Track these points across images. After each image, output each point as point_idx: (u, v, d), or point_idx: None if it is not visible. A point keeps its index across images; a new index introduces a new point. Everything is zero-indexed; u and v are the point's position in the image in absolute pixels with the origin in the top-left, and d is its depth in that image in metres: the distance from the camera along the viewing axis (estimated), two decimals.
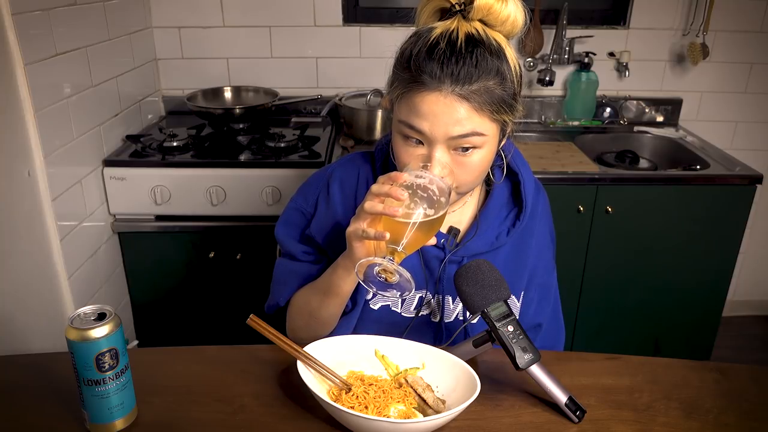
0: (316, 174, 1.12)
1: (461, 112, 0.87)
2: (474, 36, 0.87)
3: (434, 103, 0.87)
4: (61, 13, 1.59)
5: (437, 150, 0.89)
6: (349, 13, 2.25)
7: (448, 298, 1.06)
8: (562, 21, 2.23)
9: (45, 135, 1.52)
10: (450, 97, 0.87)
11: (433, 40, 0.87)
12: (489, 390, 0.91)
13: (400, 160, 0.95)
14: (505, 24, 0.90)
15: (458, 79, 0.86)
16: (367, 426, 0.79)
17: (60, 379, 0.91)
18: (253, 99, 2.25)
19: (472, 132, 0.88)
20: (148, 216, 1.91)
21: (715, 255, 2.02)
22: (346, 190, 1.07)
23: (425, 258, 1.04)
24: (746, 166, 1.97)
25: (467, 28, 0.88)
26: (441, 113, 0.87)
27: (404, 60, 0.91)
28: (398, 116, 0.92)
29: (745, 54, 2.34)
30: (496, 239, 1.05)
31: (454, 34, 0.87)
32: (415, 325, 1.06)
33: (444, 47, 0.86)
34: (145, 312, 2.03)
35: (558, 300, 1.16)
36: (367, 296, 1.06)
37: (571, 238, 1.96)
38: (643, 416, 0.87)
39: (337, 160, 1.16)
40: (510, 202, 1.08)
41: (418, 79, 0.87)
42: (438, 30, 0.88)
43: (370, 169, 1.08)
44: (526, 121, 2.38)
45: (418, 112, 0.88)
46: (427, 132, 0.89)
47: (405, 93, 0.90)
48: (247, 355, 0.97)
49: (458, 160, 0.91)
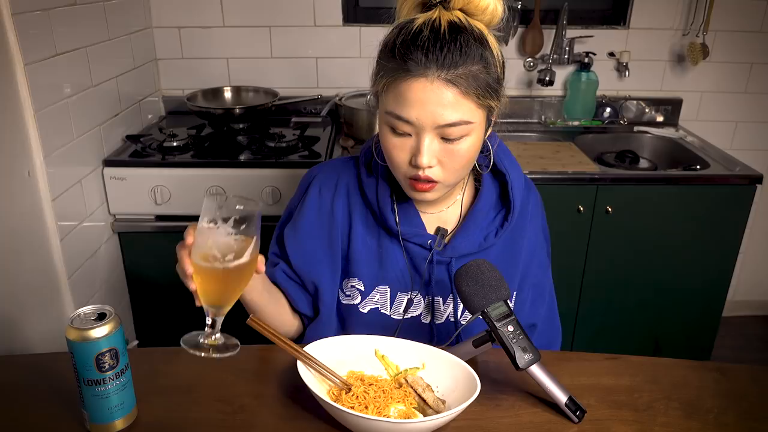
0: (305, 174, 1.14)
1: (448, 97, 0.87)
2: (456, 23, 0.89)
3: (421, 90, 0.87)
4: (61, 13, 1.59)
5: (425, 138, 0.90)
6: (349, 13, 2.25)
7: (439, 299, 1.06)
8: (562, 21, 2.23)
9: (45, 135, 1.52)
10: (436, 82, 0.87)
11: (416, 28, 0.89)
12: (489, 390, 0.91)
13: (389, 153, 0.95)
14: (485, 13, 0.91)
15: (444, 64, 0.87)
16: (367, 426, 0.79)
17: (60, 379, 0.91)
18: (253, 99, 2.25)
19: (460, 121, 0.89)
20: (148, 216, 1.91)
21: (715, 255, 2.02)
22: (324, 197, 1.07)
23: (412, 259, 1.04)
24: (746, 166, 1.97)
25: (449, 16, 0.89)
26: (428, 100, 0.87)
27: (388, 50, 0.91)
28: (385, 107, 0.92)
29: (745, 54, 2.34)
30: (484, 240, 1.04)
31: (437, 23, 0.88)
32: (406, 326, 1.06)
33: (428, 34, 0.87)
34: (145, 312, 2.03)
35: (553, 299, 1.16)
36: (355, 302, 1.06)
37: (571, 238, 1.96)
38: (643, 416, 0.87)
39: (326, 161, 1.16)
40: (498, 203, 1.08)
41: (404, 67, 0.88)
42: (420, 20, 0.89)
43: (355, 174, 1.08)
44: (526, 121, 2.38)
45: (405, 100, 0.89)
46: (415, 120, 0.89)
47: (391, 82, 0.90)
48: (247, 355, 0.97)
49: (447, 148, 0.91)
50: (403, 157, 0.93)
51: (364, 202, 1.06)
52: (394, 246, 1.05)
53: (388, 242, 1.05)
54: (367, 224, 1.06)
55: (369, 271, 1.05)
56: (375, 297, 1.05)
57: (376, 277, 1.05)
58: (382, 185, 1.04)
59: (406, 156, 0.93)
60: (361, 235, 1.05)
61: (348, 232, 1.06)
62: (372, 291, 1.05)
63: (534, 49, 2.29)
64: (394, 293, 1.05)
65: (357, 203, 1.07)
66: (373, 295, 1.05)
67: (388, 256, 1.04)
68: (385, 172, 1.04)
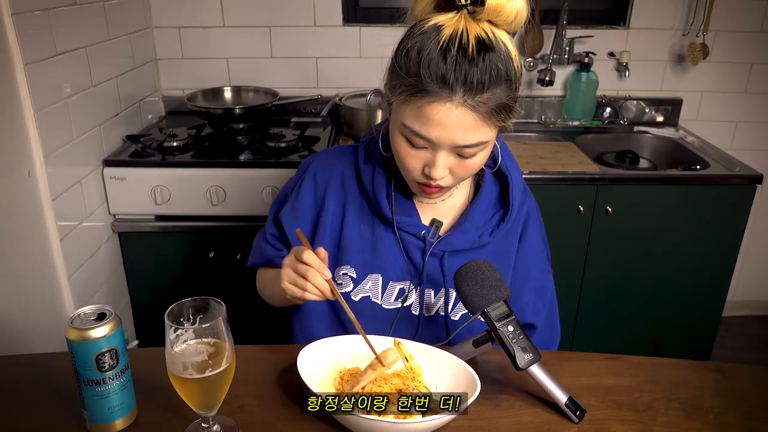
0: (305, 159, 1.16)
1: (470, 121, 0.87)
2: (484, 41, 0.85)
3: (445, 113, 0.86)
4: (61, 13, 1.59)
5: (441, 154, 0.91)
6: (349, 13, 2.25)
7: (430, 291, 1.06)
8: (562, 21, 2.23)
9: (45, 135, 1.52)
10: (461, 108, 0.86)
11: (443, 43, 0.85)
12: (489, 390, 0.91)
13: (401, 160, 0.95)
14: (512, 23, 0.88)
15: (470, 89, 0.85)
16: (367, 426, 0.79)
17: (60, 379, 0.91)
18: (253, 99, 2.25)
19: (478, 143, 0.89)
20: (148, 216, 1.91)
21: (715, 255, 2.02)
22: (318, 185, 1.09)
23: (406, 248, 1.04)
24: (746, 166, 1.97)
25: (476, 30, 0.85)
26: (450, 124, 0.87)
27: (411, 62, 0.87)
28: (402, 119, 0.91)
29: (745, 54, 2.34)
30: (479, 238, 1.05)
31: (464, 39, 0.84)
32: (395, 316, 1.06)
33: (455, 54, 0.84)
34: (145, 312, 2.03)
35: (554, 303, 1.16)
36: (347, 290, 1.06)
37: (571, 238, 1.96)
38: (643, 416, 0.87)
39: (325, 150, 1.18)
40: (497, 203, 1.08)
41: (428, 87, 0.85)
42: (446, 31, 0.85)
43: (352, 162, 1.10)
44: (526, 121, 2.38)
45: (426, 120, 0.87)
46: (435, 140, 0.89)
47: (411, 98, 0.88)
48: (247, 355, 0.97)
49: (460, 162, 0.92)
50: (416, 165, 0.94)
51: (360, 190, 1.07)
52: (388, 234, 1.05)
53: (382, 230, 1.05)
54: (362, 212, 1.07)
55: (362, 258, 1.05)
56: (367, 285, 1.06)
57: (368, 265, 1.05)
58: (379, 173, 1.05)
59: (419, 165, 0.94)
60: (355, 222, 1.06)
61: (341, 220, 1.07)
62: (364, 279, 1.06)
63: (534, 49, 2.29)
64: (386, 282, 1.05)
65: (352, 191, 1.08)
66: (365, 283, 1.06)
67: (381, 244, 1.05)
68: (383, 160, 1.05)
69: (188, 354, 0.77)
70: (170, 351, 0.77)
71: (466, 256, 1.02)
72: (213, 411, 0.81)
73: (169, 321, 0.77)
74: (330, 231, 1.07)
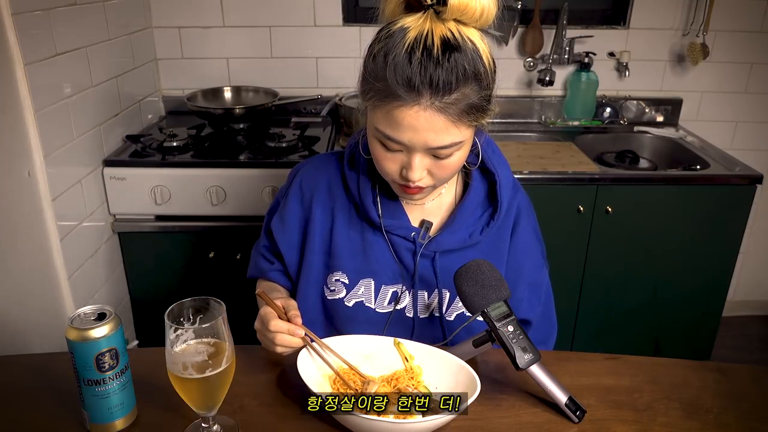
0: (294, 167, 1.17)
1: (440, 123, 0.87)
2: (450, 41, 0.85)
3: (414, 117, 0.86)
4: (61, 13, 1.59)
5: (416, 157, 0.91)
6: (349, 13, 2.25)
7: (423, 293, 1.06)
8: (562, 21, 2.23)
9: (45, 135, 1.52)
10: (429, 110, 0.86)
11: (408, 46, 0.84)
12: (489, 390, 0.91)
13: (379, 163, 0.96)
14: (479, 19, 0.87)
15: (437, 90, 0.84)
16: (367, 426, 0.79)
17: (60, 379, 0.91)
18: (253, 99, 2.25)
19: (451, 143, 0.89)
20: (148, 216, 1.91)
21: (715, 255, 2.02)
22: (305, 193, 1.10)
23: (396, 251, 1.04)
24: (746, 166, 1.97)
25: (442, 30, 0.85)
26: (420, 127, 0.87)
27: (378, 67, 0.87)
28: (374, 124, 0.91)
29: (745, 54, 2.34)
30: (469, 237, 1.05)
31: (429, 40, 0.84)
32: (390, 320, 1.06)
33: (420, 56, 0.84)
34: (145, 312, 2.03)
35: (550, 297, 1.15)
36: (340, 295, 1.06)
37: (571, 238, 1.96)
38: (643, 416, 0.87)
39: (311, 158, 1.17)
40: (486, 201, 1.08)
41: (395, 92, 0.85)
42: (411, 33, 0.85)
43: (338, 168, 1.10)
44: (526, 121, 2.38)
45: (396, 124, 0.88)
46: (407, 143, 0.89)
47: (380, 103, 0.88)
48: (247, 355, 0.97)
49: (437, 163, 0.93)
50: (394, 167, 0.94)
51: (347, 196, 1.08)
52: (377, 238, 1.05)
53: (372, 235, 1.05)
54: (351, 218, 1.07)
55: (353, 264, 1.06)
56: (359, 290, 1.06)
57: (360, 270, 1.05)
58: (363, 179, 1.05)
59: (396, 167, 0.94)
60: (344, 228, 1.06)
61: (330, 226, 1.07)
62: (357, 284, 1.06)
63: (534, 49, 2.29)
64: (379, 285, 1.05)
65: (340, 198, 1.08)
66: (358, 289, 1.06)
67: (372, 249, 1.05)
68: (367, 165, 1.05)
69: (188, 354, 0.77)
70: (170, 351, 0.77)
71: (458, 255, 1.02)
72: (213, 411, 0.81)
73: (169, 321, 0.77)
74: (320, 238, 1.07)
